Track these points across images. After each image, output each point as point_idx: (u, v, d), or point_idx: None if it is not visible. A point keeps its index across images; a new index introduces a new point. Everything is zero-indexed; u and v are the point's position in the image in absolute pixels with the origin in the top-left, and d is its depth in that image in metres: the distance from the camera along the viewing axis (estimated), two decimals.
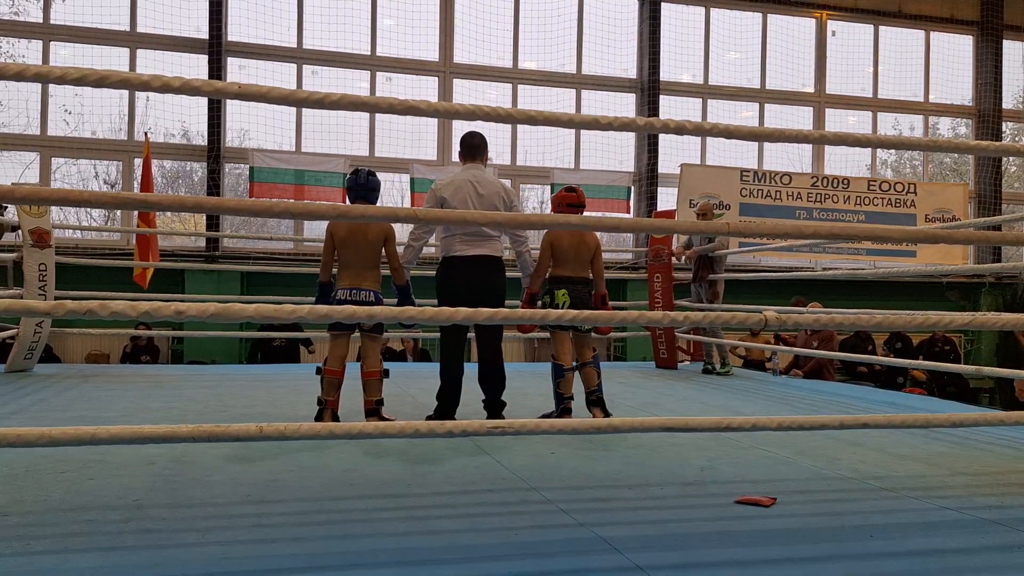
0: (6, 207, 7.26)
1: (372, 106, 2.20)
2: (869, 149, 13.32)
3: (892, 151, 13.92)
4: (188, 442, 2.18)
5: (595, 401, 4.56)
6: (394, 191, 11.85)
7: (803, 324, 2.78)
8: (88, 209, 11.14)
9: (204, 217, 11.03)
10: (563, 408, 4.48)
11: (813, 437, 4.10)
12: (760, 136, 2.53)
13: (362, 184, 4.31)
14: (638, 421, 2.56)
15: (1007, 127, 14.22)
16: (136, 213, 9.29)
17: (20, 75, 1.95)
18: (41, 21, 10.44)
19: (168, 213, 11.47)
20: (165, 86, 1.97)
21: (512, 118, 2.29)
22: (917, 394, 8.02)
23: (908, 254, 11.84)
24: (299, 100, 2.14)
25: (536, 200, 12.85)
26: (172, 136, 11.27)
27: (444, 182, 4.51)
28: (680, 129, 2.38)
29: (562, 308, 4.47)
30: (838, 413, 5.17)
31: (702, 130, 2.45)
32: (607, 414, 4.54)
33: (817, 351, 7.39)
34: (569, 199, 4.60)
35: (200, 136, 11.05)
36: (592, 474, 3.32)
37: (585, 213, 4.97)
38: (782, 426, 2.53)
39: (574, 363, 4.62)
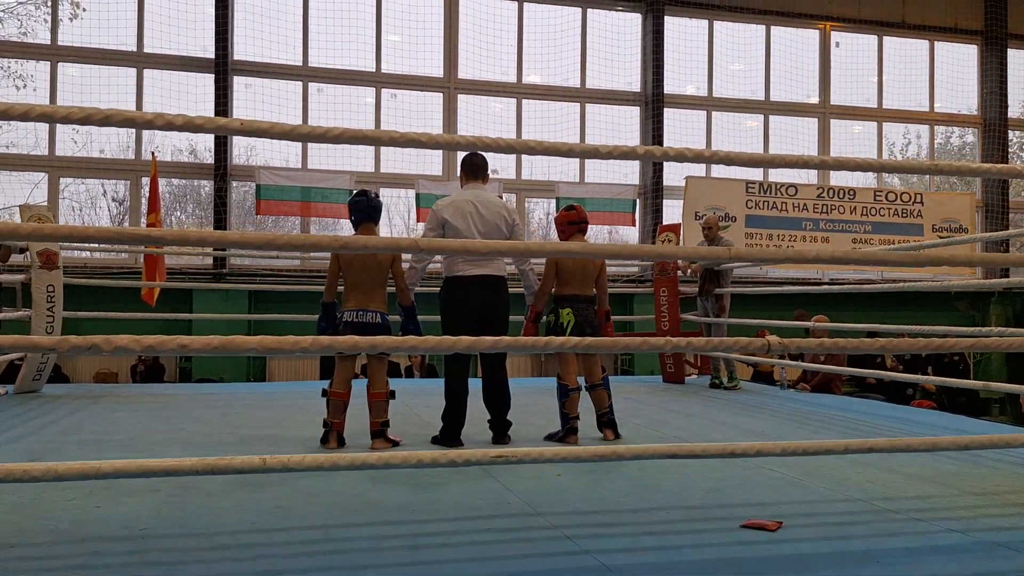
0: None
1: (374, 139, 2.21)
2: (875, 157, 13.29)
3: (899, 159, 13.88)
4: (192, 475, 2.19)
5: (607, 423, 4.57)
6: (401, 205, 11.91)
7: (806, 348, 2.78)
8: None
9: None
10: (569, 428, 4.49)
11: (820, 455, 4.08)
12: (761, 162, 2.53)
13: (367, 206, 4.34)
14: (641, 448, 2.56)
15: (1014, 136, 14.18)
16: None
17: (26, 115, 1.97)
18: (49, 42, 10.55)
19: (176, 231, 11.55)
20: (168, 124, 1.99)
21: (513, 149, 2.30)
22: (926, 407, 7.97)
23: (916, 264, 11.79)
24: (302, 135, 2.16)
25: (542, 212, 12.89)
26: (180, 152, 11.36)
27: (445, 202, 4.53)
28: (680, 157, 2.39)
29: (567, 327, 4.51)
30: (846, 430, 5.16)
31: (703, 157, 2.46)
32: (618, 435, 4.56)
33: (825, 365, 7.36)
34: (570, 217, 4.64)
35: (208, 152, 11.13)
36: (597, 497, 3.31)
37: (591, 227, 4.99)
38: (786, 452, 2.53)
39: (583, 384, 4.63)
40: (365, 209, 4.34)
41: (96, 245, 11.06)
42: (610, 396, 4.65)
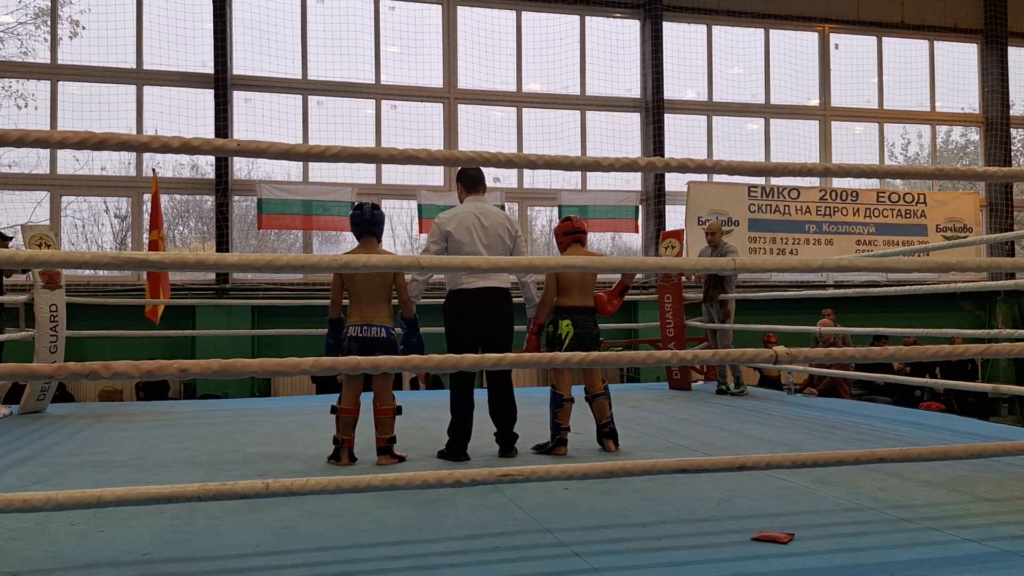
0: (11, 238, 7.31)
1: (373, 157, 2.19)
2: (878, 159, 13.27)
3: (902, 160, 13.87)
4: (194, 501, 2.16)
5: (607, 433, 4.54)
6: (403, 215, 11.89)
7: (813, 358, 2.75)
8: (99, 245, 11.23)
9: (214, 249, 11.06)
10: (558, 439, 4.46)
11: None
12: (763, 171, 2.50)
13: (368, 220, 4.34)
14: (650, 464, 2.53)
15: (1017, 134, 14.14)
16: (146, 248, 9.35)
17: (21, 141, 1.95)
18: (49, 61, 10.58)
19: (179, 246, 11.55)
20: (165, 147, 1.97)
21: (513, 163, 2.28)
22: (935, 409, 7.91)
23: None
24: (299, 154, 2.14)
25: (544, 220, 12.86)
26: (182, 167, 11.35)
27: (448, 215, 4.52)
28: (682, 168, 2.36)
29: (566, 339, 4.49)
30: (855, 435, 5.12)
31: (705, 168, 2.43)
32: (618, 446, 4.54)
33: (832, 370, 7.31)
34: (565, 228, 4.71)
35: (209, 166, 11.13)
36: (606, 511, 3.27)
37: (594, 234, 4.97)
38: (797, 463, 2.49)
39: (585, 394, 4.60)
40: (360, 223, 4.33)
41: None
42: (611, 406, 4.62)
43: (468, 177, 4.62)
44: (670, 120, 12.33)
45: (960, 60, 13.79)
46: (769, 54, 12.99)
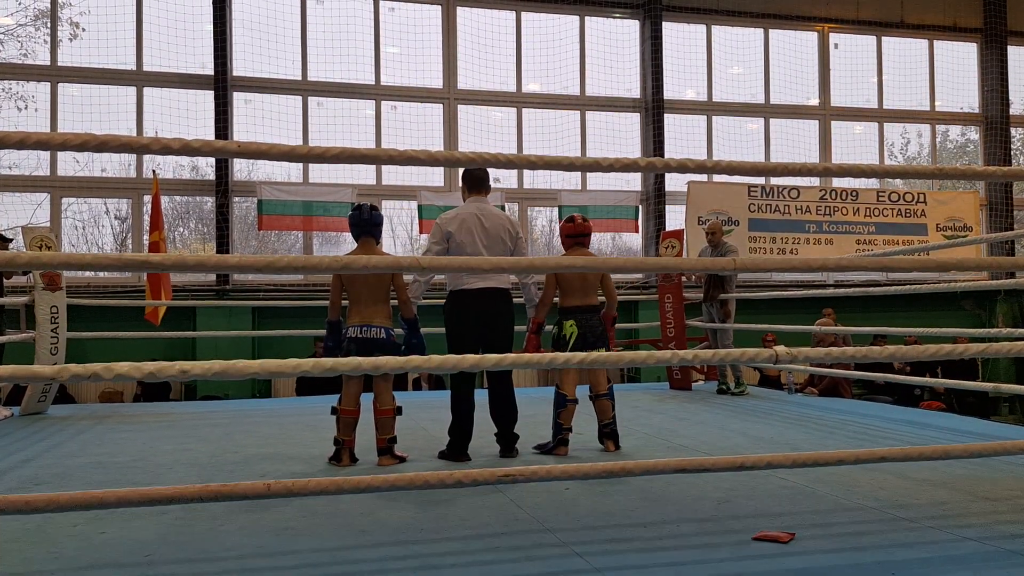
0: (12, 240, 7.31)
1: (373, 158, 2.19)
2: (878, 158, 13.28)
3: (901, 159, 13.87)
4: (195, 502, 2.17)
5: (608, 434, 4.55)
6: (404, 216, 11.90)
7: (814, 358, 2.75)
8: (99, 246, 11.24)
9: (215, 250, 11.07)
10: (559, 440, 4.47)
11: None
12: (763, 171, 2.51)
13: (366, 220, 4.34)
14: (651, 464, 2.53)
15: (1016, 132, 14.14)
16: (146, 250, 9.35)
17: (22, 143, 1.96)
18: (49, 63, 10.58)
19: (179, 247, 11.56)
20: (166, 149, 1.98)
21: (513, 164, 2.28)
22: (935, 408, 7.91)
23: None
24: (300, 156, 2.14)
25: (544, 221, 12.86)
26: (182, 168, 11.35)
27: (449, 216, 4.53)
28: (682, 168, 2.37)
29: (570, 339, 4.49)
30: (855, 434, 5.12)
31: (705, 168, 2.44)
32: (618, 447, 4.55)
33: (833, 370, 7.32)
34: (567, 230, 4.68)
35: (209, 167, 11.14)
36: (607, 511, 3.28)
37: (594, 234, 4.97)
38: (797, 463, 2.49)
39: (589, 393, 4.61)
40: (359, 224, 4.34)
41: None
42: (614, 407, 4.62)
43: (472, 177, 4.63)
44: (670, 120, 12.33)
45: (960, 59, 13.79)
46: (769, 54, 13.00)
